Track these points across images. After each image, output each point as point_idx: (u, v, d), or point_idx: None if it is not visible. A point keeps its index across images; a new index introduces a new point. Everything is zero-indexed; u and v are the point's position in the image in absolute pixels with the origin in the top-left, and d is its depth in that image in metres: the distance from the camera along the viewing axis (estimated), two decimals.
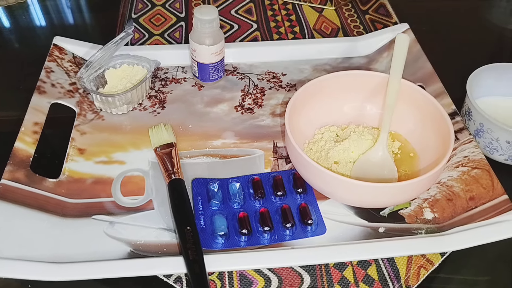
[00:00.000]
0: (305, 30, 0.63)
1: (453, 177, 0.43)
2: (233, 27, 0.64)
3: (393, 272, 0.37)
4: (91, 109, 0.50)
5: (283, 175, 0.43)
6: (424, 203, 0.42)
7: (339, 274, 0.37)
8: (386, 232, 0.40)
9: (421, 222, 0.40)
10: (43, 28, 0.66)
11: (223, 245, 0.38)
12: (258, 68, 0.56)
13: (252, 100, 0.52)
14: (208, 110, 0.51)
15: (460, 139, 0.46)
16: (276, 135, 0.48)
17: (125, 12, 0.66)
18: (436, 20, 0.67)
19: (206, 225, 0.39)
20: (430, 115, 0.43)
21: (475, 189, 0.42)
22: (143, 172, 0.44)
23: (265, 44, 0.58)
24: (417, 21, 0.60)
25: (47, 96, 0.49)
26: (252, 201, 0.41)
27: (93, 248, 0.38)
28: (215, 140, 0.47)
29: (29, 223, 0.39)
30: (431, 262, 0.38)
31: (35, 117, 0.47)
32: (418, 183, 0.37)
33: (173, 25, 0.64)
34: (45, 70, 0.51)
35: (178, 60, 0.56)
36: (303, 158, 0.38)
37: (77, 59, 0.55)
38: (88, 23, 0.68)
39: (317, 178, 0.39)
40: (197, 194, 0.41)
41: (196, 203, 0.41)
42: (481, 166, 0.43)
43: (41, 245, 0.38)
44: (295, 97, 0.43)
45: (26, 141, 0.44)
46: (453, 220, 0.40)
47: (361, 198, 0.39)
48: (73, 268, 0.36)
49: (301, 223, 0.40)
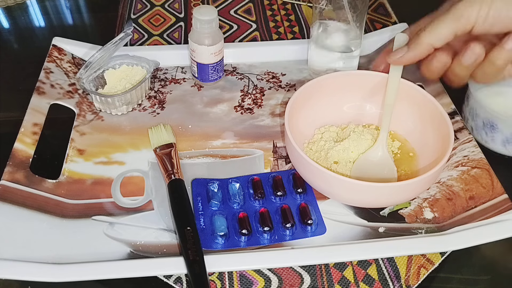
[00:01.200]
0: (305, 30, 0.63)
1: (452, 176, 0.43)
2: (232, 27, 0.63)
3: (393, 271, 0.37)
4: (90, 110, 0.50)
5: (282, 175, 0.43)
6: (424, 203, 0.41)
7: (339, 274, 0.37)
8: (386, 232, 0.40)
9: (421, 222, 0.40)
10: (42, 29, 0.66)
11: (223, 246, 0.38)
12: (257, 68, 0.56)
13: (252, 100, 0.52)
14: (207, 111, 0.51)
15: (459, 139, 0.46)
16: (275, 135, 0.48)
17: (124, 13, 0.66)
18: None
19: (206, 226, 0.39)
20: (430, 114, 0.43)
21: (475, 189, 0.42)
22: (143, 173, 0.44)
23: (264, 44, 0.58)
24: (416, 21, 0.60)
25: (47, 97, 0.49)
26: (252, 201, 0.41)
27: (93, 249, 0.38)
28: (215, 140, 0.47)
29: (29, 224, 0.39)
30: (431, 262, 0.38)
31: (34, 118, 0.47)
32: (418, 182, 0.37)
33: (172, 25, 0.64)
34: (45, 71, 0.51)
35: (177, 60, 0.56)
36: (303, 158, 0.38)
37: (76, 59, 0.55)
38: (87, 23, 0.68)
39: (317, 178, 0.39)
40: (197, 194, 0.41)
41: (196, 203, 0.41)
42: (481, 165, 0.43)
43: (41, 246, 0.38)
44: (295, 97, 0.43)
45: (25, 142, 0.44)
46: (453, 220, 0.40)
47: (361, 198, 0.39)
48: (73, 269, 0.35)
49: (301, 223, 0.40)
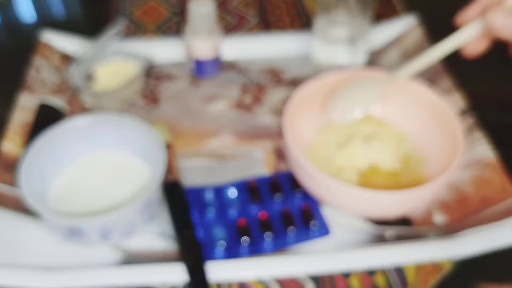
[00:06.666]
0: (307, 24, 0.62)
1: (463, 178, 0.42)
2: (230, 22, 0.62)
3: (401, 279, 0.36)
4: (81, 108, 0.49)
5: (281, 176, 0.42)
6: (433, 206, 0.40)
7: (344, 283, 0.36)
8: (393, 236, 0.39)
9: (430, 225, 0.39)
10: (30, 22, 0.65)
11: (224, 256, 0.37)
12: (257, 64, 0.55)
13: (251, 97, 0.51)
14: (204, 108, 0.50)
15: (470, 137, 0.44)
16: (275, 134, 0.47)
17: (118, 6, 0.65)
18: (445, 12, 0.65)
19: (204, 237, 0.38)
20: (438, 117, 0.41)
21: (486, 191, 0.41)
22: None
23: (264, 38, 0.57)
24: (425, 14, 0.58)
25: (36, 94, 0.48)
26: (250, 207, 0.40)
27: (87, 255, 0.38)
28: (213, 140, 0.46)
29: (20, 229, 0.39)
30: (440, 268, 0.37)
31: (23, 116, 0.46)
32: (426, 191, 0.36)
33: (168, 19, 0.63)
34: (33, 67, 0.50)
35: (173, 55, 0.54)
36: (302, 165, 0.37)
37: (67, 55, 0.54)
38: (79, 17, 0.67)
39: (316, 187, 0.38)
40: (191, 204, 0.40)
41: (191, 214, 0.40)
42: (493, 166, 0.42)
43: (29, 251, 0.38)
44: (295, 98, 0.41)
45: (14, 141, 0.44)
46: (463, 223, 0.39)
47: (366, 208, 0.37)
48: (62, 275, 0.35)
49: (304, 226, 0.39)
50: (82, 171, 0.42)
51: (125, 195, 0.40)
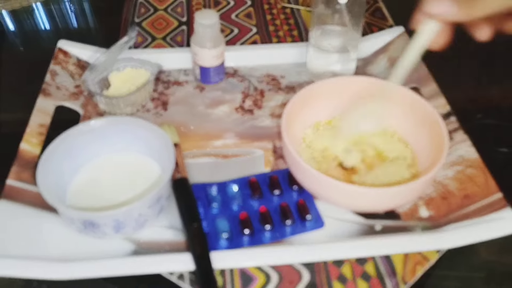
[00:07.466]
0: (303, 33, 0.64)
1: (448, 175, 0.44)
2: (233, 31, 0.64)
3: (390, 268, 0.38)
4: (95, 111, 0.51)
5: (279, 174, 0.44)
6: (420, 201, 0.42)
7: (337, 271, 0.38)
8: (382, 229, 0.40)
9: (416, 220, 0.41)
10: (47, 32, 0.67)
11: (227, 247, 0.38)
12: (257, 71, 0.56)
13: (252, 101, 0.53)
14: (209, 112, 0.51)
15: (455, 139, 0.46)
16: (275, 135, 0.48)
17: (128, 17, 0.67)
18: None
19: (209, 229, 0.39)
20: (424, 119, 0.43)
21: (469, 188, 0.42)
22: None
23: (264, 47, 0.59)
24: None
25: (52, 99, 0.50)
26: (251, 202, 0.42)
27: (101, 247, 0.39)
28: (216, 140, 0.48)
29: (35, 223, 0.40)
30: (426, 259, 0.38)
31: (40, 119, 0.47)
32: (412, 187, 0.37)
33: (175, 29, 0.64)
34: (50, 73, 0.52)
35: (180, 63, 0.56)
36: (298, 162, 0.38)
37: (82, 62, 0.55)
38: (92, 27, 0.68)
39: (310, 182, 0.39)
40: (197, 199, 0.41)
41: (198, 208, 0.41)
42: (476, 165, 0.44)
43: (47, 244, 0.38)
44: (292, 102, 0.42)
45: (31, 143, 0.45)
46: (448, 218, 0.40)
47: (354, 202, 0.39)
48: (78, 266, 0.36)
49: (300, 219, 0.40)
50: (97, 169, 0.43)
51: (137, 191, 0.41)
